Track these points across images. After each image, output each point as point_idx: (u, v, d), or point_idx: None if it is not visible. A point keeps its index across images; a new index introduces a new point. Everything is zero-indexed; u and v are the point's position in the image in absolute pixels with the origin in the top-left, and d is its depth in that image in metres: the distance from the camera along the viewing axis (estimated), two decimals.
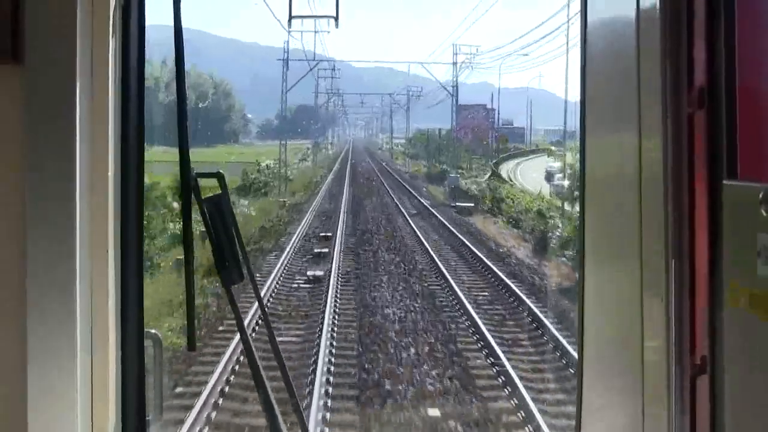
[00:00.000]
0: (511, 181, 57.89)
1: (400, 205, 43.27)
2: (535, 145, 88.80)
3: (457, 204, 43.11)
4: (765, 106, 2.12)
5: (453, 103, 72.18)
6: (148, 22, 2.73)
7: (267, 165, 55.38)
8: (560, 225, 31.39)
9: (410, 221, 36.46)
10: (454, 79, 72.35)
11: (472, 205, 42.78)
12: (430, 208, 41.84)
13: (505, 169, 65.82)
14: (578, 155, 2.90)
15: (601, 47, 2.69)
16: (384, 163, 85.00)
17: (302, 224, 35.04)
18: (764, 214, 1.87)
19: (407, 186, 56.33)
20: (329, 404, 13.66)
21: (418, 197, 48.29)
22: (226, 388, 14.00)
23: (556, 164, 56.74)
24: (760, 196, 1.88)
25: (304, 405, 13.10)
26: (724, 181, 2.08)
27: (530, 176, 60.22)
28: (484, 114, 78.10)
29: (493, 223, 37.42)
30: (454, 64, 70.66)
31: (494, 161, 68.57)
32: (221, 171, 2.78)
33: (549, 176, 54.93)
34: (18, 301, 2.48)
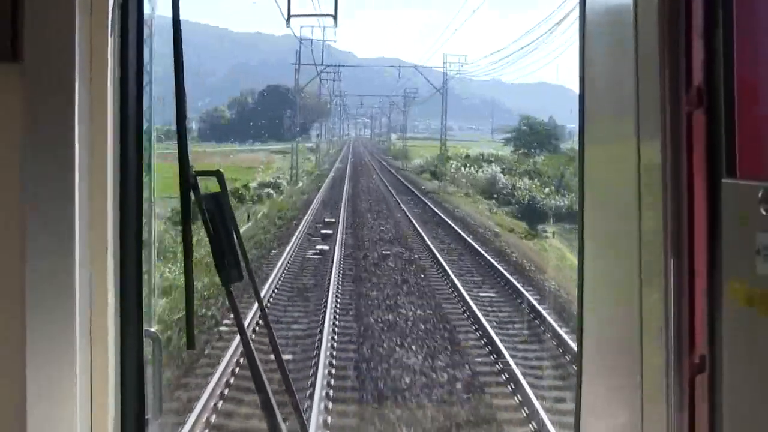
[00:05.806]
0: None
1: None
2: None
3: None
4: (763, 104, 2.11)
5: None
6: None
7: None
8: None
9: None
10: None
11: None
12: None
13: None
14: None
15: (599, 46, 2.69)
16: None
17: None
18: (763, 212, 1.87)
19: None
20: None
21: None
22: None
23: None
24: (759, 194, 1.88)
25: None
26: (723, 180, 2.07)
27: None
28: None
29: None
30: None
31: None
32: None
33: None
34: (18, 301, 2.48)
